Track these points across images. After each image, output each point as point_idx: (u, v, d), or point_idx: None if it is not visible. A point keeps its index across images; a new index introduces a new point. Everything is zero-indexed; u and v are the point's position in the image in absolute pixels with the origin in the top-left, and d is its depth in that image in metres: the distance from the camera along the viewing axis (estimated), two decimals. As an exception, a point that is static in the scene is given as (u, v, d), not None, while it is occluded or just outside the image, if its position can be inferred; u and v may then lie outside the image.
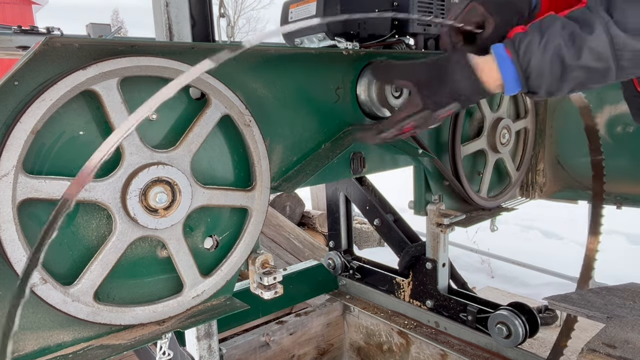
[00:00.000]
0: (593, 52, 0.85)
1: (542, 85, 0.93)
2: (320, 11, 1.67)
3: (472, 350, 1.97)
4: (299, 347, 2.35)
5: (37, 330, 1.02)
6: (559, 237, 5.14)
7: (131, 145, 1.05)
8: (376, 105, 1.59)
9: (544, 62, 0.90)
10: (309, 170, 1.41)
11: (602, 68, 0.87)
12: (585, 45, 0.86)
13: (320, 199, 5.11)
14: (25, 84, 0.93)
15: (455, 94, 0.99)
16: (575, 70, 0.88)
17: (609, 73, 0.88)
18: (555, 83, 0.91)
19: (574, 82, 0.90)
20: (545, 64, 0.90)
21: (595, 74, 0.88)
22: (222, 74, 1.18)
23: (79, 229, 1.05)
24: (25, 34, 2.94)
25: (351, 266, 2.53)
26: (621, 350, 1.40)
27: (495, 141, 1.97)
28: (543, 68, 0.90)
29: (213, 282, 1.23)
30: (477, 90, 0.98)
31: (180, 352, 1.52)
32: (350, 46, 1.57)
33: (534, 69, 0.91)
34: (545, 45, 0.89)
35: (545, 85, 0.92)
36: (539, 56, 0.90)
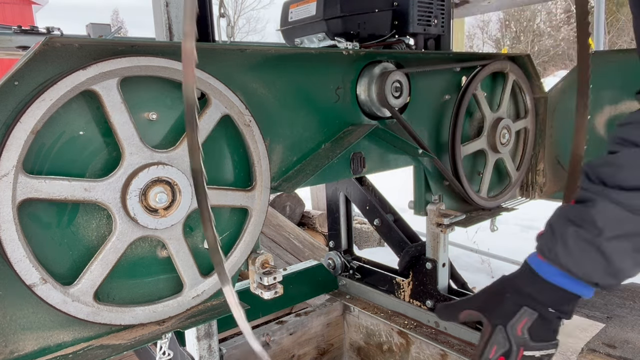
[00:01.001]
0: (610, 220, 0.81)
1: (593, 274, 0.85)
2: (321, 11, 1.67)
3: (472, 350, 1.97)
4: (299, 347, 2.35)
5: (37, 330, 1.02)
6: (559, 237, 5.13)
7: (131, 145, 1.05)
8: (376, 105, 1.59)
9: (573, 254, 0.85)
10: (309, 170, 1.41)
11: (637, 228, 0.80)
12: (598, 219, 0.81)
13: (320, 199, 5.11)
14: (25, 84, 0.93)
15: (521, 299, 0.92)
16: (608, 243, 0.81)
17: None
18: (604, 264, 0.83)
19: (624, 254, 0.82)
20: (576, 254, 0.84)
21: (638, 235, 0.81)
22: (222, 74, 1.18)
23: (79, 229, 1.05)
24: (25, 34, 2.94)
25: (351, 266, 2.53)
26: (621, 350, 1.40)
27: (495, 141, 1.97)
28: (577, 258, 0.85)
29: (213, 282, 1.23)
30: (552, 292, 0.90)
31: (180, 352, 1.52)
32: (350, 46, 1.57)
33: (569, 264, 0.86)
34: (563, 240, 0.85)
35: (597, 271, 0.84)
36: (563, 252, 0.86)
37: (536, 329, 0.91)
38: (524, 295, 0.92)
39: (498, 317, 0.93)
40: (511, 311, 0.92)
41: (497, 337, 0.93)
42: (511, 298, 0.93)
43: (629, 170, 0.80)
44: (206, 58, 1.19)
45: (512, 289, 0.94)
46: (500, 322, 0.93)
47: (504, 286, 0.96)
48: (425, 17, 1.82)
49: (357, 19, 1.69)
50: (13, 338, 0.99)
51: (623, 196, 0.79)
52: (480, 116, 1.95)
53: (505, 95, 2.00)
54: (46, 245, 1.01)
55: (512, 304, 0.92)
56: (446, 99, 1.88)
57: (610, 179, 0.82)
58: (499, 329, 0.93)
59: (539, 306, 0.91)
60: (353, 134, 1.52)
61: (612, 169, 0.82)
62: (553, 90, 2.16)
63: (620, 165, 0.81)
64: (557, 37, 22.86)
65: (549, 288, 0.89)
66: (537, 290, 0.90)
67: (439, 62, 1.82)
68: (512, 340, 0.92)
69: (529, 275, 0.92)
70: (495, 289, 0.98)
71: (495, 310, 0.94)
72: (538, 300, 0.90)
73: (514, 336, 0.91)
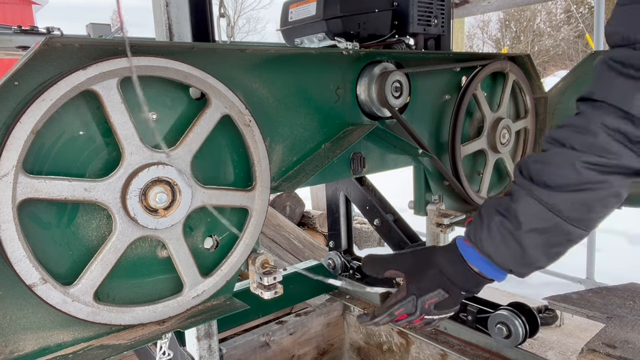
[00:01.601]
0: (530, 215, 0.89)
1: (508, 261, 0.95)
2: (320, 11, 1.67)
3: (472, 350, 1.97)
4: (299, 347, 2.35)
5: (37, 330, 1.02)
6: (559, 237, 5.13)
7: (131, 145, 1.05)
8: (376, 105, 1.59)
9: (494, 240, 0.94)
10: (309, 170, 1.41)
11: (552, 225, 0.88)
12: (520, 212, 0.90)
13: (320, 199, 5.11)
14: (25, 84, 0.93)
15: (439, 280, 1.03)
16: (525, 235, 0.90)
17: (563, 228, 0.89)
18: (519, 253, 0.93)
19: (538, 248, 0.91)
20: (496, 241, 0.93)
21: (552, 233, 0.89)
22: (222, 74, 1.18)
23: (79, 229, 1.05)
24: (25, 34, 2.94)
25: (351, 266, 2.53)
26: (621, 350, 1.40)
27: (495, 141, 1.97)
28: (497, 246, 0.94)
29: (213, 282, 1.23)
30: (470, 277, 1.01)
31: (180, 352, 1.52)
32: (350, 46, 1.57)
33: (489, 250, 0.95)
34: (488, 226, 0.94)
35: (511, 260, 0.95)
36: (486, 237, 0.95)
37: (443, 303, 1.05)
38: (443, 278, 1.03)
39: (416, 288, 1.06)
40: (428, 288, 1.05)
41: (408, 303, 1.07)
42: (432, 276, 1.05)
43: (554, 168, 0.86)
44: (206, 58, 1.19)
45: (436, 268, 1.05)
46: (415, 293, 1.06)
47: (429, 261, 1.07)
48: (425, 17, 1.82)
49: (357, 19, 1.69)
50: (13, 338, 0.99)
51: (545, 194, 0.87)
52: (480, 116, 1.95)
53: (505, 95, 2.00)
54: (46, 245, 1.01)
55: (430, 282, 1.04)
56: (446, 99, 1.88)
57: (537, 176, 0.88)
58: (412, 298, 1.06)
59: (453, 288, 1.03)
60: (353, 134, 1.52)
61: (539, 167, 0.89)
62: (553, 90, 2.16)
63: (547, 163, 0.87)
64: (557, 37, 22.85)
65: (467, 272, 1.00)
66: (456, 273, 1.02)
67: (439, 62, 1.82)
68: (419, 309, 1.06)
69: (453, 257, 1.02)
70: (422, 259, 1.09)
71: (415, 281, 1.07)
72: (454, 284, 1.03)
73: (421, 307, 1.06)
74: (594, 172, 0.84)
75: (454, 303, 1.06)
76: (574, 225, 0.88)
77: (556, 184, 0.86)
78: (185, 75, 1.10)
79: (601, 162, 0.83)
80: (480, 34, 26.68)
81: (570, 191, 0.85)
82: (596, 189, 0.85)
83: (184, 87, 1.15)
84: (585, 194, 0.85)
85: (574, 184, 0.85)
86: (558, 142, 0.88)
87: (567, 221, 0.88)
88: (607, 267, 3.79)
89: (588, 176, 0.84)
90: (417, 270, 1.07)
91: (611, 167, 0.84)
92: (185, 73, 1.10)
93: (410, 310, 1.07)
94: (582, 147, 0.84)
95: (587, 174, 0.84)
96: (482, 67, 1.88)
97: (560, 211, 0.87)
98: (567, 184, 0.85)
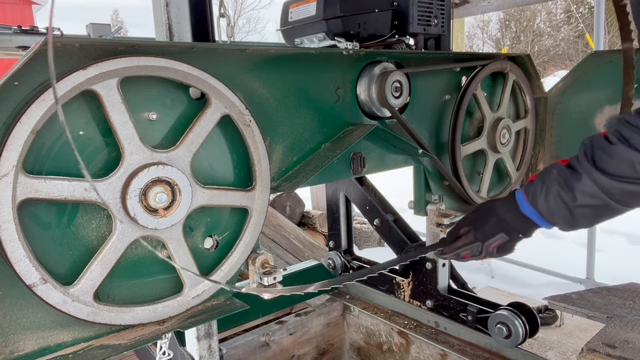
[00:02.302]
0: (585, 194, 1.05)
1: (558, 222, 1.13)
2: (321, 11, 1.67)
3: (472, 350, 1.97)
4: (299, 347, 2.35)
5: (37, 330, 1.02)
6: (559, 237, 5.13)
7: (131, 145, 1.05)
8: (376, 105, 1.59)
9: (549, 205, 1.11)
10: (309, 170, 1.41)
11: (602, 204, 1.05)
12: (577, 189, 1.06)
13: (320, 199, 5.11)
14: (25, 84, 0.93)
15: (501, 226, 1.22)
16: (577, 208, 1.08)
17: (611, 206, 1.05)
18: (568, 219, 1.11)
19: (585, 217, 1.09)
20: (551, 206, 1.11)
21: (600, 209, 1.06)
22: (222, 74, 1.18)
23: (79, 229, 1.05)
24: (25, 34, 2.94)
25: (351, 266, 2.53)
26: (621, 350, 1.40)
27: (495, 141, 1.97)
28: (551, 209, 1.11)
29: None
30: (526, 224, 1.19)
31: (180, 352, 1.52)
32: (350, 46, 1.57)
33: (543, 211, 1.13)
34: (546, 192, 1.11)
35: (561, 221, 1.13)
36: (543, 201, 1.12)
37: (503, 246, 1.26)
38: (503, 223, 1.22)
39: (481, 235, 1.26)
40: (492, 233, 1.25)
41: (474, 247, 1.28)
42: (494, 223, 1.24)
43: (615, 162, 1.01)
44: (206, 58, 1.19)
45: (497, 215, 1.24)
46: (481, 239, 1.26)
47: (490, 211, 1.26)
48: (425, 17, 1.82)
49: (357, 19, 1.69)
50: (13, 338, 0.99)
51: (602, 179, 1.02)
52: (480, 116, 1.95)
53: (505, 95, 2.00)
54: (46, 245, 1.01)
55: (494, 228, 1.24)
56: (446, 99, 1.88)
57: (599, 163, 1.03)
58: (478, 244, 1.27)
59: (513, 232, 1.22)
60: (353, 134, 1.52)
61: (603, 156, 1.02)
62: (553, 90, 2.16)
63: (611, 155, 1.01)
64: (557, 37, 22.83)
65: (523, 219, 1.19)
66: (513, 218, 1.20)
67: (439, 62, 1.82)
68: (484, 252, 1.27)
69: (511, 206, 1.21)
70: (484, 211, 1.29)
71: (480, 229, 1.27)
72: (513, 228, 1.22)
73: (486, 250, 1.27)
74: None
75: (513, 245, 1.26)
76: (621, 205, 1.04)
77: (614, 173, 1.00)
78: (185, 75, 1.10)
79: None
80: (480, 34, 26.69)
81: (625, 182, 1.00)
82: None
83: (184, 87, 1.15)
84: (637, 187, 1.00)
85: (630, 177, 0.99)
86: (625, 141, 0.99)
87: (616, 202, 1.03)
88: (607, 267, 3.79)
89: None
90: (481, 220, 1.27)
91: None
92: (185, 73, 1.10)
93: (475, 253, 1.28)
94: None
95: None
96: (482, 67, 1.88)
97: (612, 195, 1.02)
98: (623, 176, 1.00)
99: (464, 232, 1.31)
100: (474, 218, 1.31)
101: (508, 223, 1.22)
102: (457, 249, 1.31)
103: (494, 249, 1.26)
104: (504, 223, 1.22)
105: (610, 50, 2.05)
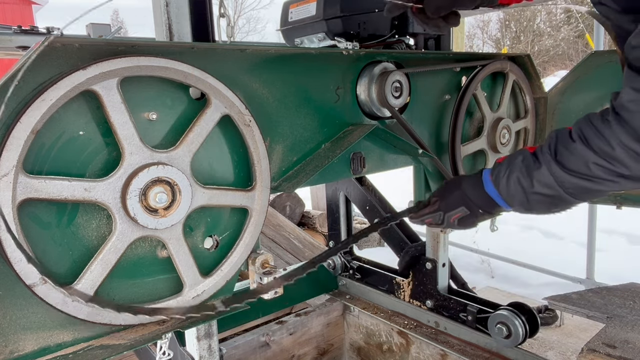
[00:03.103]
0: (541, 183, 1.12)
1: (515, 204, 1.21)
2: (321, 11, 1.67)
3: (472, 350, 1.97)
4: (299, 347, 2.35)
5: (37, 330, 1.02)
6: (559, 237, 5.13)
7: (131, 145, 1.05)
8: (376, 105, 1.59)
9: (509, 188, 1.18)
10: (309, 170, 1.41)
11: (555, 194, 1.12)
12: (535, 178, 1.13)
13: (320, 199, 5.11)
14: (25, 84, 0.93)
15: (463, 200, 1.29)
16: (533, 195, 1.15)
17: (564, 197, 1.12)
18: (525, 204, 1.18)
19: (539, 204, 1.16)
20: (511, 190, 1.18)
21: (554, 199, 1.13)
22: (222, 74, 1.18)
23: (79, 229, 1.05)
24: (25, 34, 2.94)
25: (351, 266, 2.53)
26: (621, 350, 1.40)
27: (495, 141, 1.97)
28: (510, 192, 1.19)
29: (213, 282, 1.23)
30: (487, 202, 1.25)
31: (180, 352, 1.52)
32: (350, 46, 1.57)
33: (503, 193, 1.20)
34: (508, 176, 1.18)
35: (518, 204, 1.20)
36: (504, 183, 1.19)
37: (464, 219, 1.32)
38: (465, 198, 1.29)
39: (444, 205, 1.34)
40: (454, 206, 1.32)
41: (436, 215, 1.36)
42: (458, 195, 1.31)
43: (573, 158, 1.07)
44: (206, 58, 1.19)
45: (461, 190, 1.30)
46: (443, 209, 1.34)
47: (456, 185, 1.33)
48: (425, 17, 1.82)
49: (357, 19, 1.69)
50: (13, 338, 0.99)
51: (559, 172, 1.09)
52: (480, 116, 1.95)
53: (505, 95, 2.00)
54: (46, 245, 1.01)
55: (456, 201, 1.31)
56: (446, 99, 1.88)
57: (559, 157, 1.09)
58: (440, 213, 1.35)
59: (474, 207, 1.29)
60: (353, 134, 1.52)
61: (564, 151, 1.08)
62: (553, 90, 2.16)
63: (570, 151, 1.07)
64: (557, 37, 22.82)
65: (485, 197, 1.25)
66: (475, 195, 1.27)
67: (439, 62, 1.81)
68: (445, 222, 1.35)
69: (477, 183, 1.27)
70: (451, 184, 1.36)
71: (444, 200, 1.34)
72: (475, 204, 1.28)
73: (447, 221, 1.34)
74: (604, 172, 1.03)
75: (473, 220, 1.32)
76: (572, 197, 1.11)
77: (570, 168, 1.07)
78: (185, 75, 1.10)
79: (612, 169, 1.02)
80: (480, 34, 26.68)
81: (579, 177, 1.06)
82: (600, 182, 1.05)
83: (184, 87, 1.15)
84: (589, 183, 1.06)
85: (584, 174, 1.05)
86: (584, 140, 1.05)
87: (569, 194, 1.10)
88: (607, 267, 3.79)
89: (597, 173, 1.04)
90: (446, 192, 1.34)
91: (621, 174, 1.02)
92: (185, 73, 1.10)
93: (437, 221, 1.36)
94: (600, 153, 1.02)
95: (596, 171, 1.03)
96: (482, 67, 1.87)
97: (566, 187, 1.09)
98: (578, 171, 1.06)
99: (432, 201, 1.38)
100: (442, 189, 1.38)
101: (470, 199, 1.28)
102: (422, 216, 1.39)
103: (455, 220, 1.33)
104: (466, 198, 1.29)
105: (610, 50, 2.05)
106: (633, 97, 0.97)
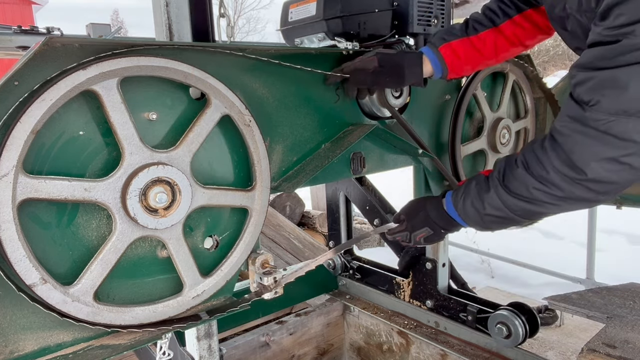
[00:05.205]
0: (491, 205, 1.21)
1: (471, 224, 1.31)
2: (321, 11, 1.66)
3: (472, 350, 1.97)
4: (299, 347, 2.35)
5: (37, 330, 1.02)
6: (559, 237, 5.13)
7: (131, 145, 1.05)
8: (376, 105, 1.59)
9: (466, 210, 1.28)
10: (309, 170, 1.41)
11: (505, 215, 1.21)
12: (486, 201, 1.22)
13: (320, 199, 5.11)
14: (25, 84, 0.93)
15: (427, 222, 1.39)
16: (486, 216, 1.24)
17: (513, 218, 1.21)
18: (480, 223, 1.28)
19: (493, 223, 1.26)
20: (467, 211, 1.28)
21: (504, 219, 1.23)
22: (222, 74, 1.18)
23: (79, 229, 1.05)
24: (25, 34, 2.94)
25: (351, 266, 2.53)
26: (621, 350, 1.40)
27: (495, 141, 1.97)
28: (467, 214, 1.29)
29: (213, 282, 1.23)
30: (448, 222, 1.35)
31: (180, 352, 1.52)
32: (350, 46, 1.57)
33: (461, 214, 1.30)
34: (464, 199, 1.28)
35: (474, 224, 1.30)
36: (461, 205, 1.29)
37: (429, 237, 1.42)
38: (428, 219, 1.39)
39: (410, 226, 1.43)
40: (418, 227, 1.41)
41: (404, 234, 1.45)
42: (422, 218, 1.40)
43: (517, 182, 1.15)
44: (206, 58, 1.19)
45: (425, 212, 1.40)
46: (409, 229, 1.44)
47: (420, 206, 1.42)
48: (425, 17, 1.82)
49: (357, 19, 1.68)
50: (13, 338, 0.99)
51: (505, 196, 1.18)
52: (480, 116, 1.95)
53: (505, 95, 2.00)
54: (46, 245, 1.01)
55: (421, 222, 1.41)
56: (446, 99, 1.88)
57: (506, 181, 1.18)
58: (407, 233, 1.44)
59: (436, 227, 1.39)
60: (353, 134, 1.52)
61: (510, 175, 1.17)
62: (553, 90, 2.16)
63: (514, 176, 1.16)
64: (557, 37, 22.82)
65: (446, 218, 1.36)
66: (438, 216, 1.37)
67: (439, 62, 1.81)
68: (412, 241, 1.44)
69: (438, 205, 1.38)
70: (416, 205, 1.45)
71: (410, 221, 1.43)
72: (437, 224, 1.38)
73: (414, 240, 1.44)
74: (543, 196, 1.11)
75: (438, 238, 1.43)
76: (521, 218, 1.21)
77: (514, 192, 1.16)
78: (185, 75, 1.11)
79: (549, 192, 1.10)
80: (480, 34, 26.63)
81: (522, 200, 1.15)
82: (541, 205, 1.14)
83: (184, 87, 1.15)
84: (532, 206, 1.15)
85: (526, 197, 1.14)
86: (526, 165, 1.13)
87: (517, 216, 1.20)
88: (607, 267, 3.79)
89: (537, 196, 1.12)
90: (412, 213, 1.44)
91: (558, 197, 1.09)
92: (185, 73, 1.10)
93: (405, 240, 1.45)
94: (538, 177, 1.10)
95: (537, 195, 1.12)
96: (482, 67, 1.87)
97: (513, 210, 1.19)
98: (521, 195, 1.15)
99: (401, 219, 1.47)
100: (408, 210, 1.46)
101: (434, 220, 1.38)
102: (393, 234, 1.49)
103: (421, 239, 1.42)
104: (430, 220, 1.38)
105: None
106: (566, 122, 1.05)
